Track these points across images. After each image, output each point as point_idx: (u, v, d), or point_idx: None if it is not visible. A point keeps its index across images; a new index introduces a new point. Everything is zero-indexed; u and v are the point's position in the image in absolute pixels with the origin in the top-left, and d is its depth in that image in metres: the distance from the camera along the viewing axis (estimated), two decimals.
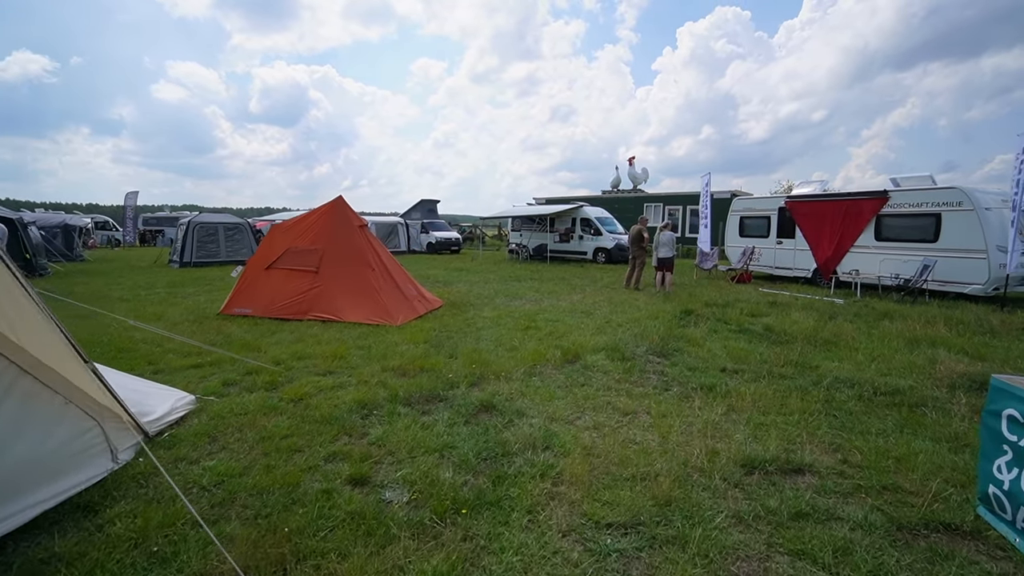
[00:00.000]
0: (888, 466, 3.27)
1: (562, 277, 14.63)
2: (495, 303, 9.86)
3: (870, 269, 11.38)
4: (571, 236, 20.31)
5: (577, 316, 8.58)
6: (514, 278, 14.29)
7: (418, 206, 26.09)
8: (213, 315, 8.24)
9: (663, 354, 6.13)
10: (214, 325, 7.49)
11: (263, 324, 7.59)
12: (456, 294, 10.94)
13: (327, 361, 5.59)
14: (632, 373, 5.31)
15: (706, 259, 14.95)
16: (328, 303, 8.03)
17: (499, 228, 35.85)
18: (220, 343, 6.44)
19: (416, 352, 5.94)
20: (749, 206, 14.77)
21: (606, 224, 19.98)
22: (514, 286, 12.54)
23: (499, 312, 8.79)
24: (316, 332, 7.04)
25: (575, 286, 12.63)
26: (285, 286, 8.23)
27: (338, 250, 8.39)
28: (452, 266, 17.78)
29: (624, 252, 19.02)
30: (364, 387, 4.74)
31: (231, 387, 4.83)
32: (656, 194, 26.27)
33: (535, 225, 21.48)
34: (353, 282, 8.13)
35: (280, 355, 5.81)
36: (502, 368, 5.29)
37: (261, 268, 8.51)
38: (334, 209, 8.74)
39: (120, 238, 28.38)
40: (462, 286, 12.49)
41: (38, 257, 13.56)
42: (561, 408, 4.30)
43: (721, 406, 4.35)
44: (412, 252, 24.72)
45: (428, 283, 12.81)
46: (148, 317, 8.16)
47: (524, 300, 10.33)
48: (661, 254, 11.50)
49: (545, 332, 7.20)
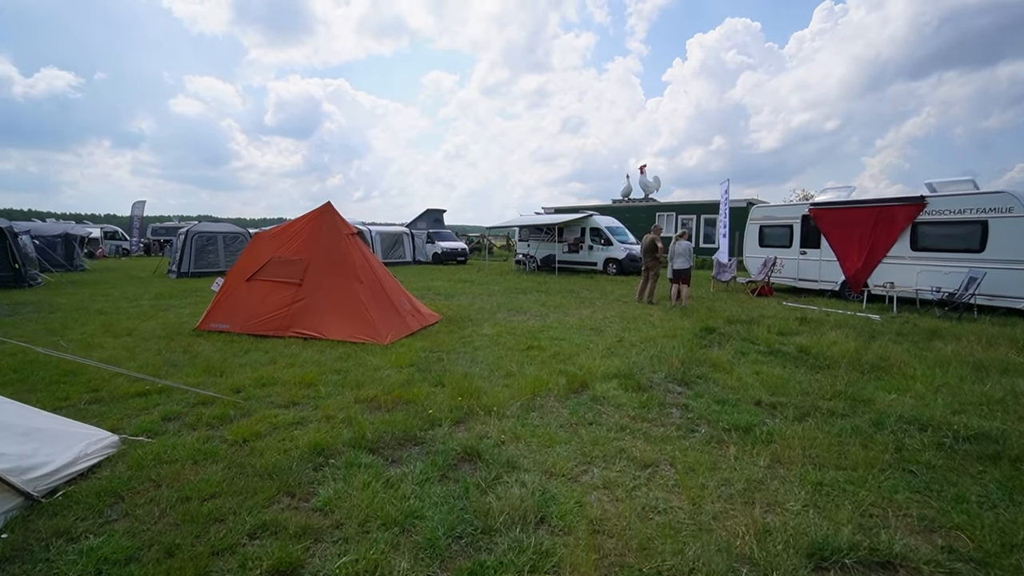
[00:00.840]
0: (1018, 561, 2.35)
1: (570, 289, 13.77)
2: (496, 318, 9.02)
3: (906, 281, 10.36)
4: (580, 246, 19.46)
5: (585, 334, 7.71)
6: (519, 290, 13.46)
7: (424, 216, 25.43)
8: (188, 331, 7.51)
9: (685, 382, 5.23)
10: (183, 343, 6.74)
11: (239, 341, 6.84)
12: (456, 308, 10.13)
13: (293, 389, 4.78)
14: (650, 407, 4.43)
15: (724, 270, 14.00)
16: (311, 319, 7.26)
17: (507, 238, 35.12)
18: (185, 364, 5.68)
19: (398, 379, 5.11)
20: (769, 214, 13.82)
21: (617, 234, 19.11)
22: (519, 299, 11.71)
23: (499, 329, 7.95)
24: (294, 351, 6.26)
25: (584, 299, 11.76)
26: (266, 299, 7.49)
27: (324, 260, 7.64)
28: (456, 277, 17.01)
29: (636, 263, 18.13)
30: (327, 425, 3.92)
31: (172, 422, 4.04)
32: (669, 203, 25.37)
33: (543, 235, 20.67)
34: (339, 296, 7.36)
35: (243, 381, 5.02)
36: (495, 400, 4.44)
37: (242, 279, 7.77)
38: (321, 216, 8.01)
39: (128, 248, 28.10)
40: (464, 299, 11.68)
41: (27, 267, 13.04)
42: (563, 457, 3.44)
43: (763, 456, 3.46)
44: (417, 262, 24.03)
45: (429, 295, 12.03)
46: (119, 332, 7.46)
47: (528, 315, 9.49)
48: (677, 265, 10.60)
49: (549, 353, 6.34)
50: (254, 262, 7.85)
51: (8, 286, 12.42)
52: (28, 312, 9.21)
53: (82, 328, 7.75)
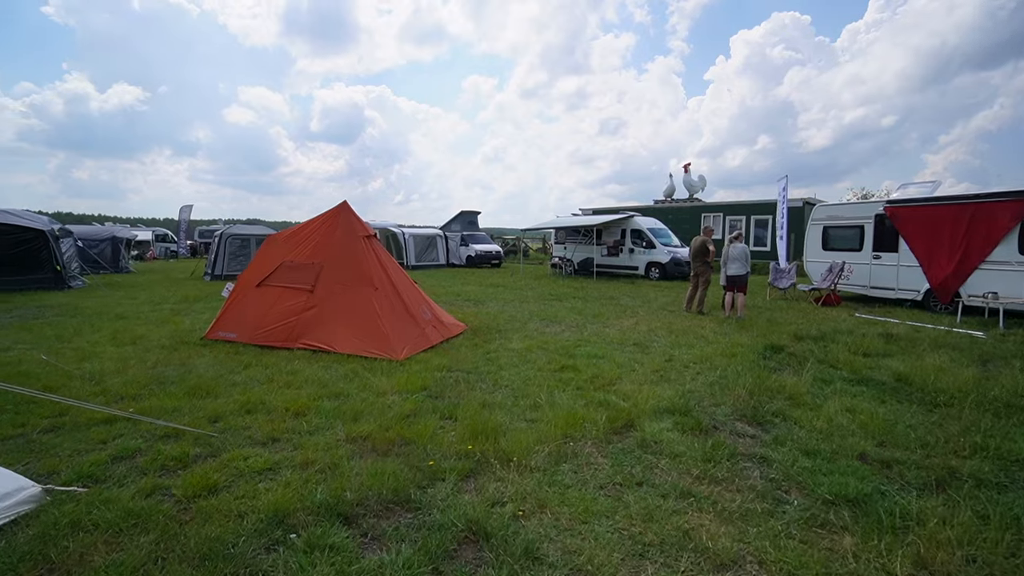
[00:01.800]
0: None
1: (610, 296, 12.65)
2: (527, 329, 8.08)
3: (1014, 291, 8.72)
4: (620, 249, 18.25)
5: (628, 351, 6.65)
6: (554, 297, 12.46)
7: (458, 217, 24.78)
8: (196, 340, 6.94)
9: (758, 421, 4.13)
10: (184, 355, 6.14)
11: (243, 353, 6.19)
12: (484, 317, 9.25)
13: (278, 420, 4.00)
14: (717, 460, 3.37)
15: (782, 276, 12.54)
16: (322, 329, 6.54)
17: (543, 240, 34.12)
18: (173, 381, 5.02)
19: (402, 408, 4.25)
20: (835, 214, 12.26)
21: (660, 236, 17.80)
22: (553, 307, 10.72)
23: (530, 343, 6.99)
24: (296, 368, 5.53)
25: (625, 308, 10.64)
26: (275, 307, 6.83)
27: (338, 265, 6.92)
28: (489, 282, 16.17)
29: (681, 267, 16.80)
30: (301, 476, 3.08)
31: (122, 463, 3.31)
32: (715, 203, 23.72)
33: (580, 237, 19.57)
34: (352, 304, 6.61)
35: (227, 407, 4.29)
36: (517, 445, 3.49)
37: (252, 285, 7.16)
38: (337, 216, 7.30)
39: (176, 250, 28.86)
40: (494, 306, 10.80)
41: (68, 269, 13.11)
42: (603, 544, 2.46)
43: (899, 556, 2.36)
44: (451, 265, 23.40)
45: (458, 302, 11.22)
46: (125, 340, 6.97)
47: (563, 326, 8.49)
48: (731, 271, 9.35)
49: (586, 376, 5.34)
50: (265, 266, 7.22)
51: (48, 287, 12.47)
52: (51, 316, 8.98)
53: (91, 335, 7.33)
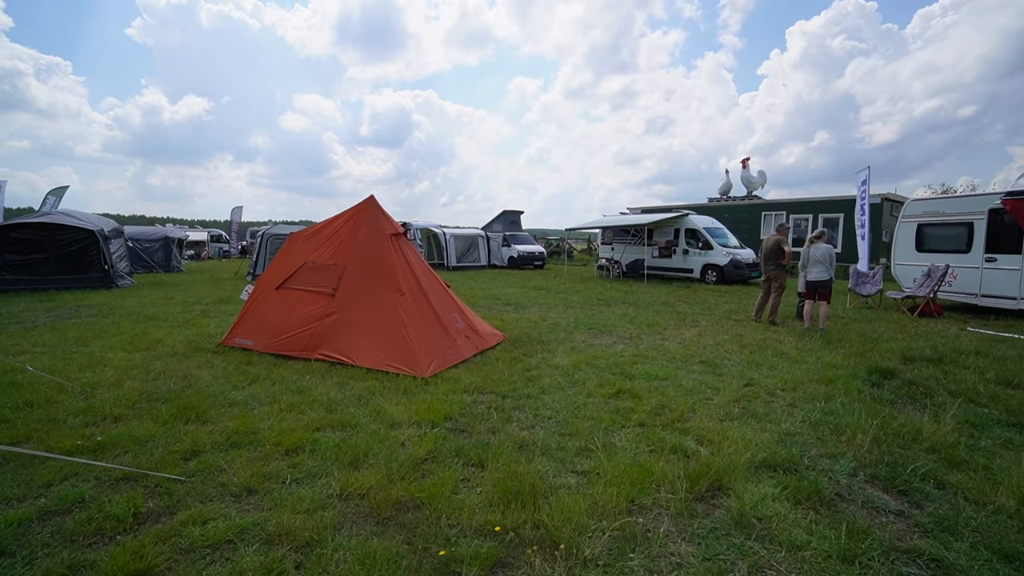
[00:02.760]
0: None
1: (664, 302, 11.38)
2: (573, 340, 7.04)
3: None
4: (673, 250, 16.82)
5: (695, 371, 5.51)
6: (603, 301, 11.32)
7: (500, 217, 23.95)
8: (212, 346, 6.36)
9: (898, 487, 2.94)
10: (193, 364, 5.52)
11: (256, 364, 5.51)
12: (525, 324, 8.28)
13: (265, 459, 3.18)
14: (862, 561, 2.26)
15: (865, 282, 10.88)
16: (342, 338, 5.77)
17: (588, 241, 32.79)
18: (167, 398, 4.35)
19: (418, 448, 3.34)
20: (934, 210, 10.49)
21: (717, 236, 16.25)
22: (602, 313, 9.61)
23: (577, 358, 5.97)
24: (306, 385, 4.76)
25: (684, 316, 9.39)
26: (294, 312, 6.13)
27: (362, 267, 6.15)
28: (531, 284, 15.18)
29: (741, 271, 15.24)
30: (264, 558, 2.22)
31: (49, 522, 2.55)
32: (776, 200, 21.72)
33: (630, 237, 18.26)
34: (376, 311, 5.80)
35: (210, 437, 3.52)
36: (564, 518, 2.50)
37: (271, 287, 6.51)
38: (362, 212, 6.54)
39: (228, 250, 29.60)
40: (536, 311, 9.81)
41: (116, 268, 13.18)
42: None
43: None
44: (492, 266, 22.60)
45: (496, 307, 10.32)
46: (141, 344, 6.47)
47: (614, 337, 7.39)
48: (813, 275, 7.94)
49: (649, 406, 4.27)
50: (286, 267, 6.56)
51: (96, 286, 12.54)
52: (85, 316, 8.75)
53: (111, 338, 6.90)
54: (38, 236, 12.12)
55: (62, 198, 22.06)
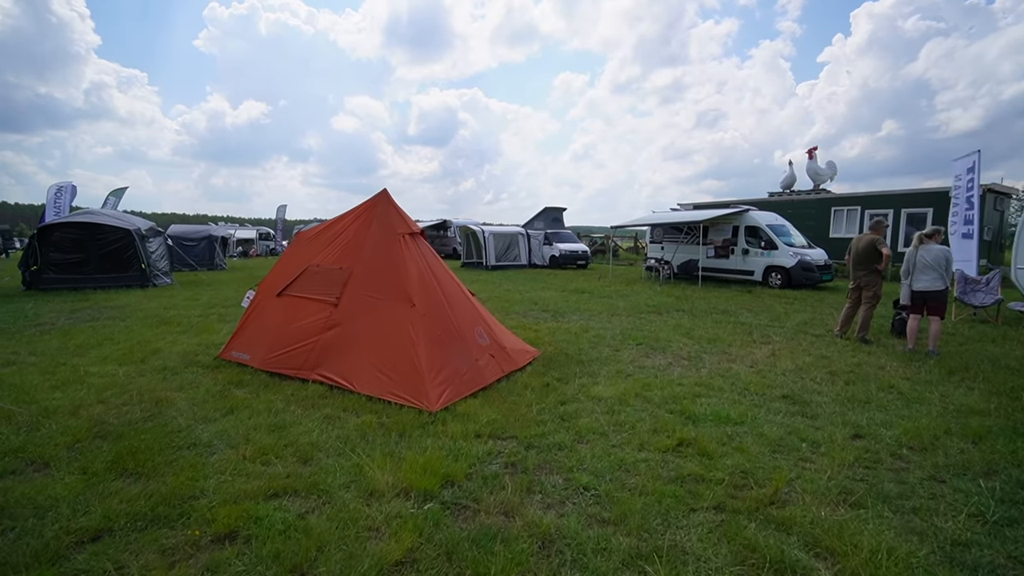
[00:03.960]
0: None
1: (724, 310, 9.92)
2: (620, 360, 5.86)
3: None
4: (731, 250, 15.14)
5: (779, 410, 4.22)
6: (652, 308, 10.00)
7: (542, 214, 22.78)
8: (208, 360, 5.66)
9: None
10: (173, 384, 4.78)
11: (245, 385, 4.72)
12: (563, 337, 7.16)
13: (179, 552, 2.27)
14: None
15: (977, 289, 9.01)
16: (343, 357, 4.87)
17: (635, 239, 31.06)
18: (116, 434, 3.57)
19: (394, 544, 2.31)
20: None
21: (782, 234, 14.45)
22: (653, 323, 8.33)
23: (624, 386, 4.80)
24: (288, 421, 3.88)
25: (749, 328, 7.96)
26: (294, 323, 5.30)
27: (371, 272, 5.24)
28: (572, 286, 13.98)
29: (811, 274, 13.44)
30: None
31: None
32: (849, 195, 19.35)
33: (682, 235, 16.68)
34: (382, 325, 4.86)
35: (139, 502, 2.66)
36: None
37: (272, 294, 5.73)
38: (373, 209, 5.63)
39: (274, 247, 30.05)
40: (577, 319, 8.65)
41: (153, 267, 13.09)
42: None
43: None
44: (533, 266, 21.50)
45: (533, 312, 9.24)
46: (136, 356, 5.86)
47: (669, 356, 6.14)
48: (922, 284, 6.36)
49: (725, 473, 3.07)
50: (289, 271, 5.76)
51: (133, 285, 12.46)
52: (105, 318, 8.38)
53: (113, 345, 6.35)
54: (79, 236, 12.13)
55: (121, 198, 22.85)
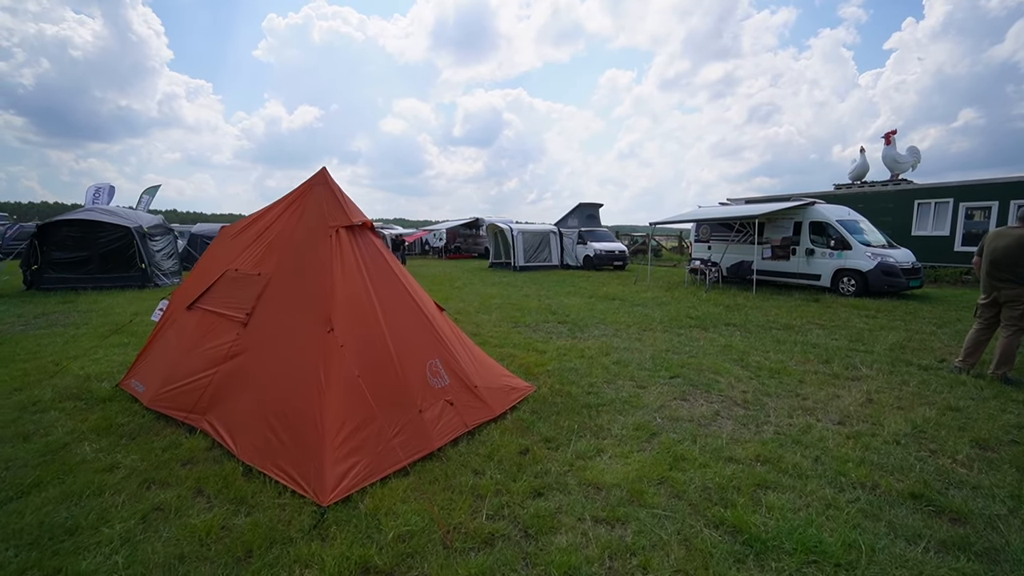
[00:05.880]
0: None
1: (787, 324, 7.85)
2: (643, 403, 4.10)
3: None
4: (792, 250, 12.80)
5: (905, 524, 2.36)
6: (695, 321, 8.07)
7: (576, 211, 20.88)
8: (106, 391, 4.38)
9: None
10: (17, 428, 3.49)
11: (116, 430, 3.41)
12: (574, 363, 5.46)
13: None
14: None
15: None
16: (235, 400, 3.42)
17: (680, 238, 28.51)
18: None
19: None
20: None
21: (856, 231, 12.01)
22: (694, 343, 6.46)
23: (644, 458, 3.07)
24: (96, 515, 2.45)
25: (824, 353, 5.93)
26: (197, 348, 3.90)
27: (288, 281, 3.76)
28: (603, 291, 12.13)
29: (896, 279, 11.01)
30: None
31: None
32: (938, 184, 16.28)
33: (732, 233, 14.45)
34: (287, 357, 3.37)
35: None
36: None
37: (183, 306, 4.38)
38: (305, 196, 4.15)
39: None
40: (598, 335, 6.90)
41: (156, 267, 12.36)
42: None
43: None
44: (566, 267, 19.71)
45: (546, 326, 7.57)
46: (37, 375, 4.68)
47: (715, 398, 4.31)
48: None
49: None
50: (205, 276, 4.39)
51: (133, 286, 11.75)
52: (62, 324, 7.42)
53: (25, 363, 5.23)
54: (80, 234, 11.53)
55: (155, 196, 22.93)
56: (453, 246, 28.91)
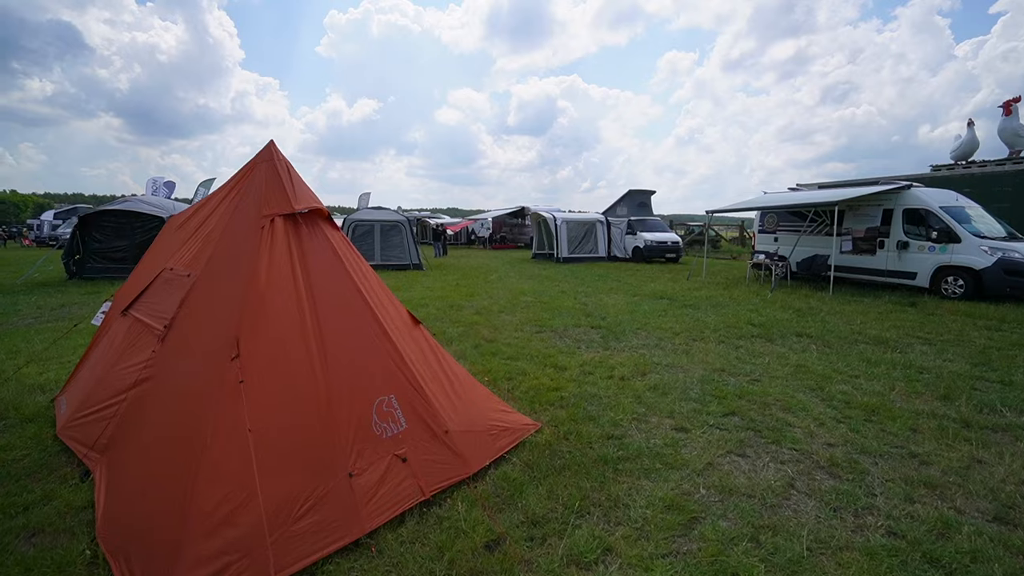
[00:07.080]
0: None
1: (876, 337, 6.25)
2: (682, 462, 2.93)
3: None
4: (880, 242, 10.77)
5: None
6: (758, 329, 6.62)
7: (625, 199, 19.24)
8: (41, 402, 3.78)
9: None
10: None
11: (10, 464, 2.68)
12: (598, 387, 4.32)
13: None
14: None
15: None
16: (124, 444, 2.62)
17: (742, 228, 25.98)
18: None
19: None
20: None
21: (964, 220, 9.85)
22: (757, 359, 5.10)
23: (691, 557, 1.96)
24: None
25: (938, 382, 4.40)
26: (116, 366, 3.16)
27: (209, 285, 2.91)
28: (649, 288, 10.73)
29: (1019, 280, 8.87)
30: None
31: None
32: None
33: (805, 223, 12.48)
34: (176, 395, 2.51)
35: None
36: None
37: (119, 310, 3.67)
38: (246, 178, 3.28)
39: None
40: (637, 346, 5.69)
41: None
42: None
43: None
44: (612, 259, 18.27)
45: (577, 331, 6.46)
46: None
47: (788, 455, 3.05)
48: None
49: None
50: (145, 275, 3.66)
51: None
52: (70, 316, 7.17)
53: None
54: (120, 224, 11.70)
55: (210, 188, 23.68)
56: (499, 236, 28.05)
